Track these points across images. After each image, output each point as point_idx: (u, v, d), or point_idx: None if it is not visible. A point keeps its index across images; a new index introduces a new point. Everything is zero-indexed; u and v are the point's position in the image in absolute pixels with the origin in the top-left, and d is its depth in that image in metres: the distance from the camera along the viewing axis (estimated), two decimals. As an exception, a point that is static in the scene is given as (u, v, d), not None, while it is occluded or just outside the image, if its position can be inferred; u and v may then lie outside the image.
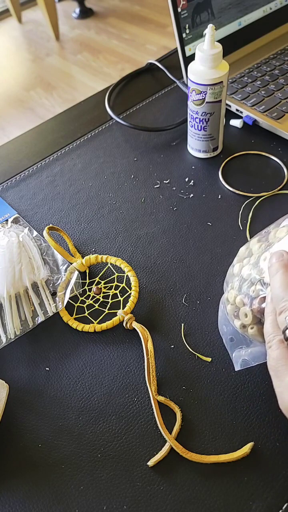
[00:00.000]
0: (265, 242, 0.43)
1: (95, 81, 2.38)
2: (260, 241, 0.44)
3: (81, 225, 0.62)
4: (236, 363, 0.44)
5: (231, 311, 0.44)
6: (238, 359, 0.44)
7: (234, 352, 0.45)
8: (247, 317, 0.42)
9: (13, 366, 0.49)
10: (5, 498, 0.41)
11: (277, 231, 0.43)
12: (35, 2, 2.94)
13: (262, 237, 0.45)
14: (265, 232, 0.45)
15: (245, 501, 0.40)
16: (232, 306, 0.44)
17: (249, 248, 0.45)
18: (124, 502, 0.40)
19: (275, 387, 0.37)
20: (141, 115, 0.77)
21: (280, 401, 0.36)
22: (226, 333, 0.46)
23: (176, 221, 0.61)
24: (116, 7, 2.95)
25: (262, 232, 0.45)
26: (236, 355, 0.44)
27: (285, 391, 0.35)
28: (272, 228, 0.44)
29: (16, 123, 2.19)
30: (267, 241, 0.43)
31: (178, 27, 0.71)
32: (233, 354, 0.45)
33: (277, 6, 0.83)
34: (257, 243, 0.44)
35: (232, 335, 0.45)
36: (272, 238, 0.43)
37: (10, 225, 0.60)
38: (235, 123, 0.72)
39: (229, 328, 0.45)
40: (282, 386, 0.36)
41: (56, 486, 0.41)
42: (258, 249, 0.44)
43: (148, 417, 0.45)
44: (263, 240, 0.44)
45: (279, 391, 0.36)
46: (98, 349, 0.50)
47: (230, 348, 0.45)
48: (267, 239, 0.44)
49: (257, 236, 0.45)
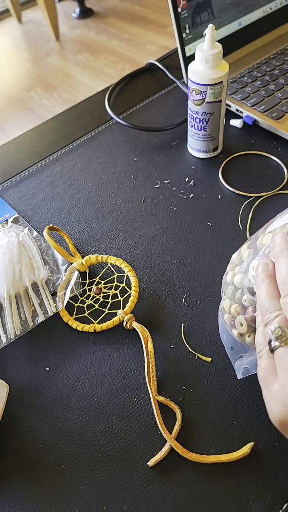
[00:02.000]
0: (253, 248, 0.42)
1: (95, 81, 2.38)
2: (249, 248, 0.43)
3: (81, 225, 0.62)
4: (238, 371, 0.44)
5: (228, 320, 0.44)
6: (239, 368, 0.44)
7: (236, 362, 0.45)
8: (242, 326, 0.41)
9: (13, 366, 0.49)
10: (5, 498, 0.41)
11: (263, 236, 0.41)
12: (35, 2, 2.94)
13: (251, 242, 0.43)
14: (254, 237, 0.43)
15: (245, 501, 0.40)
16: (229, 315, 0.43)
17: (240, 255, 0.44)
18: (124, 502, 0.40)
19: (264, 397, 0.36)
20: (141, 115, 0.77)
21: (269, 411, 0.36)
22: (227, 342, 0.45)
23: (176, 221, 0.61)
24: (116, 7, 2.95)
25: (252, 237, 0.44)
26: (238, 364, 0.44)
27: (273, 401, 0.35)
28: (260, 233, 0.43)
29: (16, 123, 2.19)
30: (255, 248, 0.42)
31: (178, 27, 0.71)
32: (235, 363, 0.45)
33: (277, 6, 0.83)
34: (247, 249, 0.43)
35: (232, 343, 0.45)
36: (259, 245, 0.42)
37: (10, 225, 0.60)
38: (235, 123, 0.72)
39: (229, 337, 0.45)
40: (270, 396, 0.35)
41: (56, 486, 0.41)
42: (247, 256, 0.42)
43: (148, 417, 0.45)
44: (252, 246, 0.43)
45: (267, 401, 0.36)
46: (98, 349, 0.50)
47: (232, 356, 0.45)
48: (255, 245, 0.42)
49: (248, 241, 0.44)
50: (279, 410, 0.34)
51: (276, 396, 0.34)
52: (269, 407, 0.35)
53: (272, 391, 0.35)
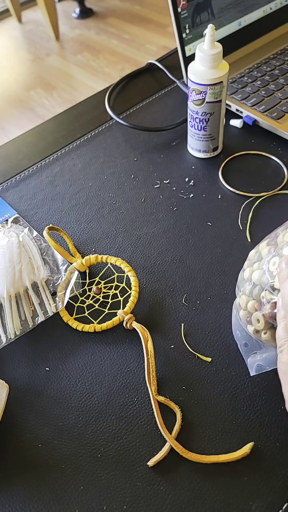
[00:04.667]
0: (274, 245, 0.42)
1: (95, 81, 2.38)
2: (269, 245, 0.43)
3: (81, 225, 0.62)
4: (251, 368, 0.44)
5: (244, 316, 0.44)
6: (253, 364, 0.44)
7: (249, 358, 0.44)
8: (259, 323, 0.41)
9: (13, 366, 0.49)
10: (5, 498, 0.41)
11: (285, 234, 0.42)
12: (35, 2, 2.94)
13: (271, 240, 0.44)
14: (274, 235, 0.44)
15: (245, 501, 0.40)
16: (245, 311, 0.43)
17: (258, 252, 0.44)
18: (124, 502, 0.40)
19: (284, 391, 0.36)
20: (141, 115, 0.77)
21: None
22: (240, 338, 0.45)
23: (176, 221, 0.61)
24: (116, 7, 2.95)
25: (271, 235, 0.44)
26: (251, 360, 0.44)
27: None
28: (280, 230, 0.43)
29: (16, 123, 2.19)
30: (275, 245, 0.42)
31: (178, 27, 0.71)
32: (248, 360, 0.45)
33: (277, 6, 0.83)
34: (266, 246, 0.43)
35: (246, 340, 0.45)
36: (280, 242, 0.42)
37: (10, 225, 0.60)
38: (235, 123, 0.72)
39: (243, 334, 0.45)
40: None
41: (56, 486, 0.41)
42: (267, 253, 0.43)
43: (148, 417, 0.45)
44: (272, 243, 0.43)
45: (287, 396, 0.36)
46: (98, 349, 0.50)
47: (245, 353, 0.45)
48: (275, 242, 0.43)
49: (266, 239, 0.44)
50: None
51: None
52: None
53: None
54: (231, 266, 0.56)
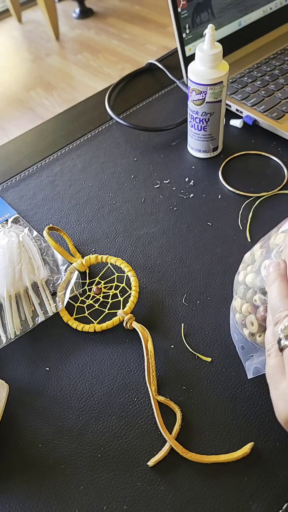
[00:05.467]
0: (266, 248, 0.43)
1: (95, 81, 2.38)
2: (262, 247, 0.43)
3: (81, 225, 0.62)
4: (248, 371, 0.44)
5: (239, 319, 0.44)
6: (250, 367, 0.44)
7: (247, 361, 0.45)
8: (253, 326, 0.41)
9: (13, 366, 0.49)
10: (5, 498, 0.41)
11: (276, 236, 0.42)
12: (35, 2, 2.94)
13: (264, 242, 0.44)
14: (267, 237, 0.44)
15: (245, 501, 0.40)
16: (240, 314, 0.43)
17: (252, 254, 0.44)
18: (124, 502, 0.40)
19: (271, 395, 0.36)
20: (141, 115, 0.77)
21: (276, 410, 0.36)
22: (237, 341, 0.45)
23: (176, 221, 0.61)
24: (116, 7, 2.95)
25: (264, 237, 0.44)
26: (248, 363, 0.44)
27: (280, 400, 0.35)
28: (273, 232, 0.43)
29: (16, 123, 2.19)
30: (268, 247, 0.42)
31: (178, 27, 0.71)
32: (245, 363, 0.45)
33: (277, 6, 0.83)
34: (259, 249, 0.43)
35: (243, 343, 0.45)
36: (272, 244, 0.42)
37: (10, 225, 0.60)
38: (235, 123, 0.72)
39: (240, 336, 0.45)
40: (277, 395, 0.35)
41: (56, 486, 0.41)
42: (260, 256, 0.43)
43: (148, 417, 0.45)
44: (265, 246, 0.43)
45: (274, 400, 0.36)
46: (98, 349, 0.50)
47: (242, 356, 0.45)
48: (268, 245, 0.43)
49: (260, 241, 0.44)
50: (286, 408, 0.34)
51: (283, 395, 0.34)
52: (276, 406, 0.36)
53: (280, 390, 0.35)
54: (231, 266, 0.56)
